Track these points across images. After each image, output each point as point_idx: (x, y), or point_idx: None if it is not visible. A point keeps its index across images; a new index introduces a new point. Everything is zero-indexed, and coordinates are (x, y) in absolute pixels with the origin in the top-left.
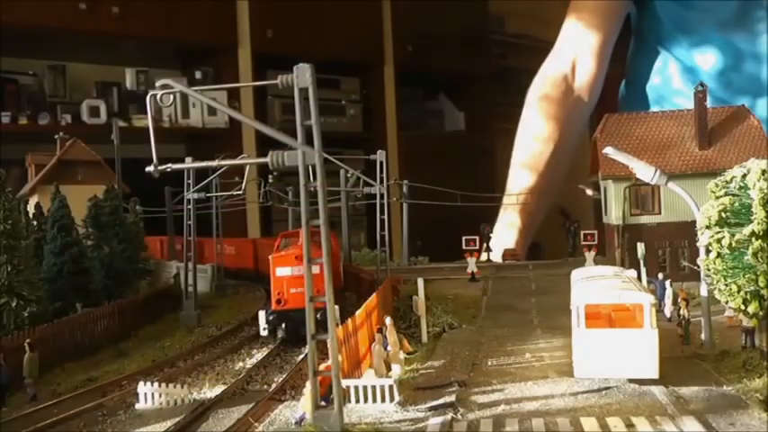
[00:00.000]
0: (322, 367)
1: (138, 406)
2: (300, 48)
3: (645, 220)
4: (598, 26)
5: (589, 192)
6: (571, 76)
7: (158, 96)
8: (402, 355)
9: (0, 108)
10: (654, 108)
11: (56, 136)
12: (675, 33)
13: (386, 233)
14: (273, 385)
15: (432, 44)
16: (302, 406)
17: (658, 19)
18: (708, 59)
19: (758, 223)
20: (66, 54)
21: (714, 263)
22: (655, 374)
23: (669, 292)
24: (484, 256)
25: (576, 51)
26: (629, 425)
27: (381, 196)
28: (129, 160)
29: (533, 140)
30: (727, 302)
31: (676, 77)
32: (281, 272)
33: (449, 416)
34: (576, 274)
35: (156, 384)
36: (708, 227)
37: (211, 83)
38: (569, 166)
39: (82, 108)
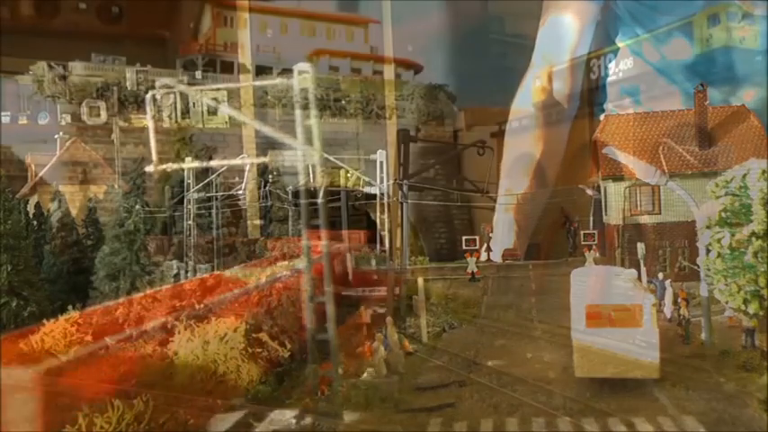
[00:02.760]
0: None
1: None
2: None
3: (645, 220)
4: (573, 30)
5: (589, 192)
6: (549, 85)
7: (158, 96)
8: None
9: (0, 108)
10: (628, 102)
11: (56, 136)
12: (636, 29)
13: (386, 233)
14: None
15: (431, 44)
16: None
17: (620, 17)
18: (677, 53)
19: (758, 223)
20: (66, 54)
21: (714, 263)
22: (655, 374)
23: (669, 292)
24: (484, 256)
25: (551, 61)
26: (629, 425)
27: (381, 196)
28: (129, 160)
29: (520, 149)
30: (727, 302)
31: (649, 72)
32: None
33: (448, 415)
34: (576, 274)
35: None
36: (708, 227)
37: (211, 83)
38: (557, 170)
39: (82, 108)
